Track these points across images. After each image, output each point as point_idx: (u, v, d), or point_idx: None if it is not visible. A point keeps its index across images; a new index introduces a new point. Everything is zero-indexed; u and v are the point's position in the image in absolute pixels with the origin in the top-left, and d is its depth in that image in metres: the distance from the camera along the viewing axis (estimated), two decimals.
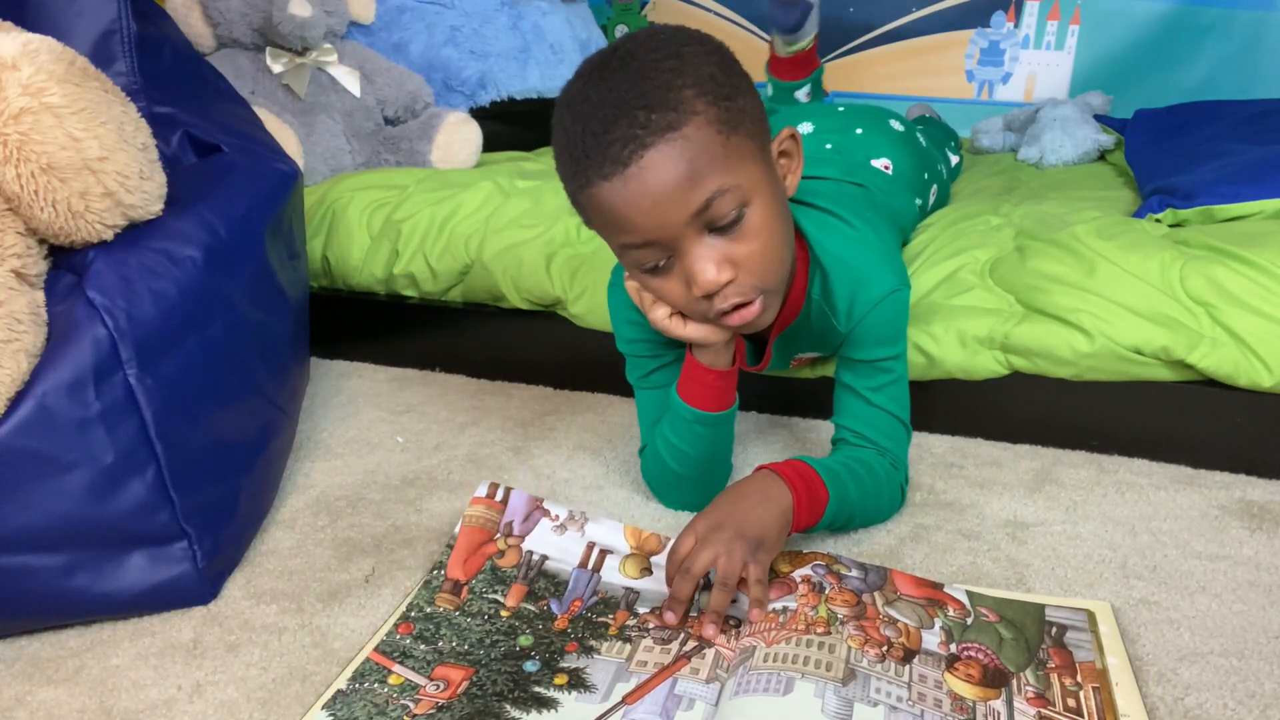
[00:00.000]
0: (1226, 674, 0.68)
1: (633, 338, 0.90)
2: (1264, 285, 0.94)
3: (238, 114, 1.09)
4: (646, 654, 0.71)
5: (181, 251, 0.81)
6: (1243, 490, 0.94)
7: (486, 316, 1.27)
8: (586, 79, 0.70)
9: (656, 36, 0.71)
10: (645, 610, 0.76)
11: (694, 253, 0.70)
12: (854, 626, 0.69)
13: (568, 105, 0.71)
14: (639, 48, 0.70)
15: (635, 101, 0.67)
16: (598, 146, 0.67)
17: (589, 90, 0.69)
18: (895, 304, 0.84)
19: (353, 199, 1.36)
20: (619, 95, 0.67)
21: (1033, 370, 1.01)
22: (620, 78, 0.68)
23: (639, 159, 0.66)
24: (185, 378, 0.79)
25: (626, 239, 0.71)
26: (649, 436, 0.92)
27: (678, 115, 0.67)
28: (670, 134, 0.66)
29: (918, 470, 0.99)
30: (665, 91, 0.67)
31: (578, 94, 0.70)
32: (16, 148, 0.70)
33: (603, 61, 0.70)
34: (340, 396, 1.24)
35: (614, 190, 0.68)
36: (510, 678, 0.69)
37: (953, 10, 2.02)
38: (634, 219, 0.69)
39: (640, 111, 0.66)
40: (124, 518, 0.75)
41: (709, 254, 0.70)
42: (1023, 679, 0.66)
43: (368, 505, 0.96)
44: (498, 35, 1.75)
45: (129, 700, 0.70)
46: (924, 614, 0.72)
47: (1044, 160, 1.63)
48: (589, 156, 0.68)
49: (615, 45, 0.72)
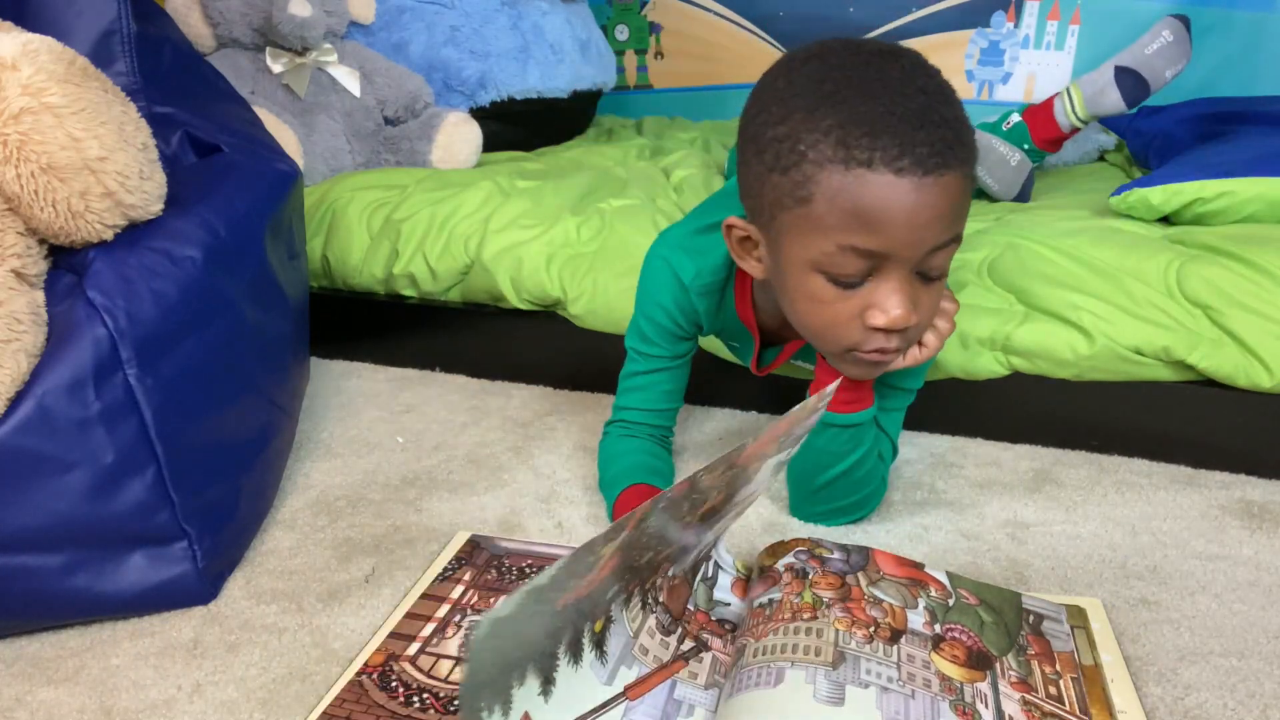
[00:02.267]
0: (1226, 674, 0.68)
1: (663, 321, 0.88)
2: (1263, 286, 0.94)
3: (238, 114, 1.09)
4: (650, 638, 0.70)
5: (181, 251, 0.81)
6: (1243, 490, 0.94)
7: (486, 316, 1.27)
8: (868, 58, 0.66)
9: (923, 58, 0.68)
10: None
11: (894, 283, 0.68)
12: (840, 609, 0.69)
13: (843, 71, 0.65)
14: (920, 58, 0.67)
15: (946, 115, 0.64)
16: (902, 136, 0.63)
17: (879, 71, 0.65)
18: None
19: (353, 199, 1.36)
20: (927, 101, 0.64)
21: (1033, 371, 1.01)
22: (920, 80, 0.65)
23: (941, 173, 0.64)
24: (185, 378, 0.79)
25: (862, 240, 0.66)
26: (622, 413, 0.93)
27: (970, 155, 0.66)
28: (965, 168, 0.66)
29: (917, 470, 0.99)
30: (966, 125, 0.66)
31: (860, 67, 0.65)
32: (16, 148, 0.70)
33: (879, 49, 0.67)
34: (340, 396, 1.24)
35: (897, 189, 0.63)
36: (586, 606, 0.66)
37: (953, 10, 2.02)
38: (896, 224, 0.64)
39: (950, 130, 0.64)
40: (124, 518, 0.75)
41: (908, 290, 0.68)
42: (1006, 663, 0.66)
43: (368, 505, 0.96)
44: (498, 35, 1.75)
45: (129, 700, 0.70)
46: (908, 594, 0.72)
47: (1044, 161, 1.63)
48: (883, 142, 0.63)
49: (875, 42, 0.68)
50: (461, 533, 0.90)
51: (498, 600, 0.76)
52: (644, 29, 2.29)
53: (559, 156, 1.73)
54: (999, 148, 1.37)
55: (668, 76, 2.32)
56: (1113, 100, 1.40)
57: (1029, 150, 1.48)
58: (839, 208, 0.65)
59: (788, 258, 0.71)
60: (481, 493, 0.98)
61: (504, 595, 0.77)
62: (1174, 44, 1.37)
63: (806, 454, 0.84)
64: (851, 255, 0.67)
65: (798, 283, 0.71)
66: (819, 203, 0.66)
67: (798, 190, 0.66)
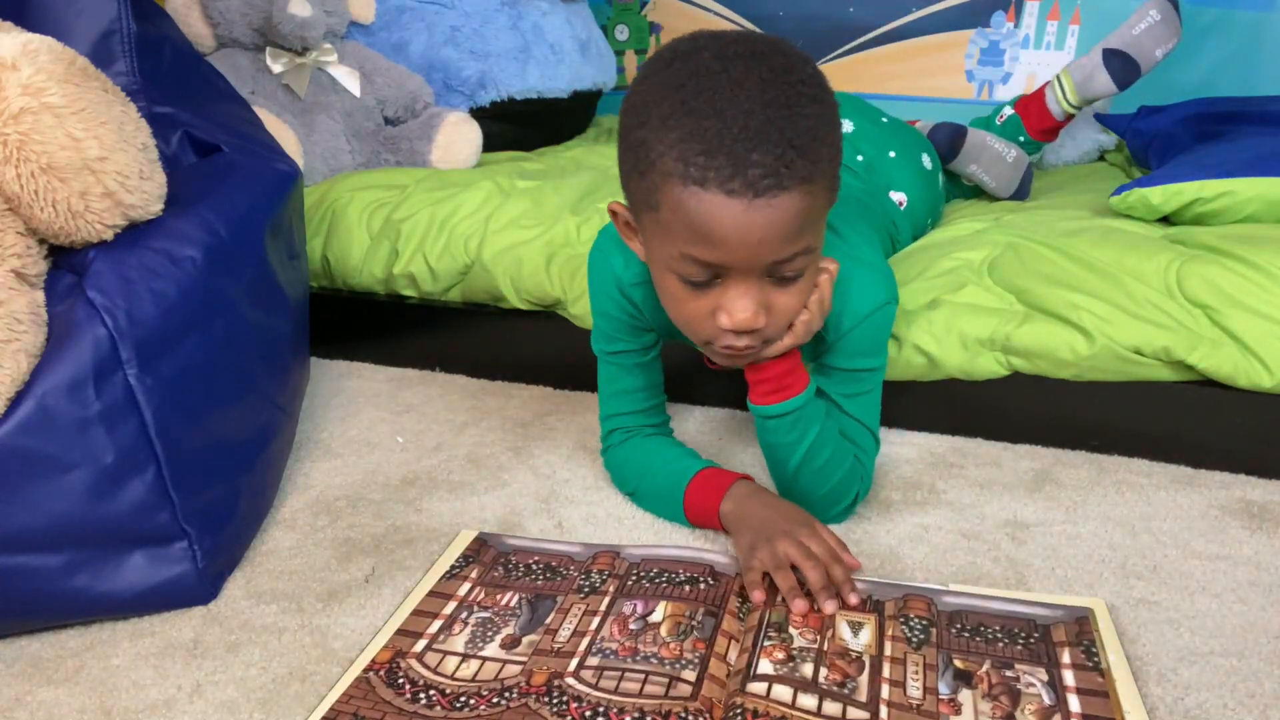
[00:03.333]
0: (1226, 674, 0.68)
1: (614, 313, 0.90)
2: (1263, 286, 0.94)
3: (238, 114, 1.09)
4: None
5: (181, 251, 0.81)
6: (1243, 490, 0.94)
7: (486, 316, 1.27)
8: (730, 62, 0.66)
9: (796, 56, 0.68)
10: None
11: (741, 288, 0.70)
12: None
13: (700, 78, 0.66)
14: (788, 60, 0.67)
15: (787, 133, 0.64)
16: (735, 159, 0.64)
17: (732, 81, 0.65)
18: (883, 318, 0.84)
19: (353, 199, 1.36)
20: (770, 116, 0.64)
21: (1033, 371, 1.01)
22: (773, 92, 0.65)
23: (771, 196, 0.65)
24: (185, 378, 0.79)
25: (700, 253, 0.68)
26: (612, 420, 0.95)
27: (814, 170, 0.66)
28: (804, 186, 0.66)
29: (917, 470, 0.99)
30: (812, 140, 0.66)
31: (717, 74, 0.65)
32: (16, 148, 0.70)
33: (749, 50, 0.67)
34: (340, 396, 1.24)
35: (729, 209, 0.65)
36: None
37: (953, 10, 2.02)
38: (729, 243, 0.66)
39: (790, 150, 0.64)
40: (124, 518, 0.75)
41: (755, 294, 0.70)
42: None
43: (368, 505, 0.96)
44: (498, 35, 1.75)
45: (129, 700, 0.70)
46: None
47: (1044, 160, 1.63)
48: (717, 162, 0.64)
49: (752, 38, 0.68)
50: (467, 531, 0.90)
51: (504, 596, 0.77)
52: (644, 29, 2.29)
53: (559, 156, 1.73)
54: (994, 145, 1.37)
55: None
56: (1103, 83, 1.39)
57: (1025, 143, 1.48)
58: (679, 220, 0.67)
59: (651, 254, 0.75)
60: (481, 493, 0.98)
61: (510, 591, 0.78)
62: (1161, 23, 1.37)
63: (766, 454, 0.86)
64: (694, 263, 0.69)
65: (659, 278, 0.75)
66: (664, 211, 0.68)
67: (650, 196, 0.69)
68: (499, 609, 0.78)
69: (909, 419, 1.07)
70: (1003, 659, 0.69)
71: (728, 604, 0.76)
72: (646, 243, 0.75)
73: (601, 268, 0.89)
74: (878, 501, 0.92)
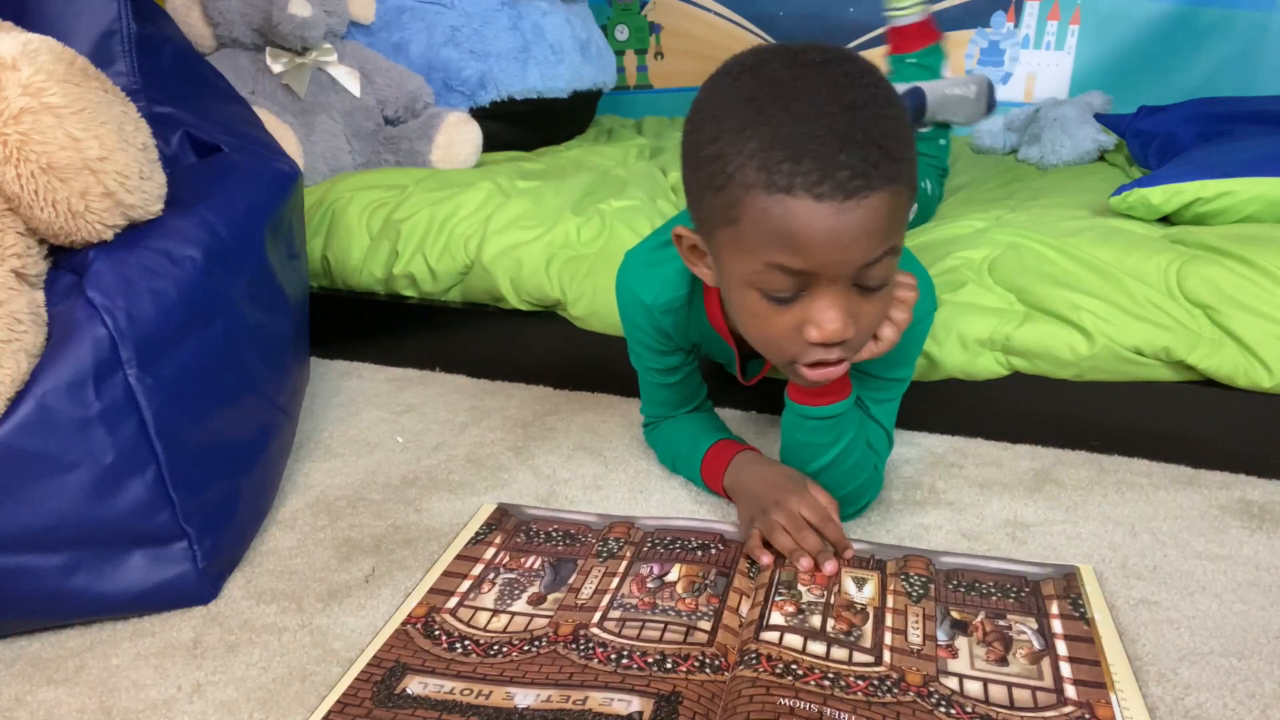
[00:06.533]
0: (1226, 674, 0.68)
1: (646, 340, 0.92)
2: (1263, 286, 0.94)
3: (238, 114, 1.09)
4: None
5: (181, 251, 0.81)
6: (1243, 490, 0.94)
7: (486, 317, 1.27)
8: (801, 70, 0.65)
9: (864, 62, 0.67)
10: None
11: (828, 298, 0.68)
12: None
13: (774, 86, 0.64)
14: (858, 65, 0.66)
15: (872, 133, 0.63)
16: (822, 161, 0.62)
17: (808, 87, 0.64)
18: (926, 327, 0.86)
19: (353, 199, 1.36)
20: (853, 118, 0.63)
21: (1033, 371, 1.01)
22: (851, 94, 0.63)
23: (862, 197, 0.63)
24: (185, 378, 0.79)
25: (789, 260, 0.66)
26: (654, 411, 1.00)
27: (898, 169, 0.64)
28: (891, 186, 0.64)
29: (917, 470, 0.99)
30: (895, 140, 0.64)
31: (790, 82, 0.64)
32: (16, 148, 0.70)
33: (820, 58, 0.65)
34: (340, 396, 1.24)
35: (818, 214, 0.63)
36: None
37: (953, 10, 2.02)
38: (819, 248, 0.64)
39: (876, 150, 0.63)
40: (124, 518, 0.75)
41: (843, 304, 0.68)
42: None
43: (368, 505, 0.96)
44: (498, 35, 1.75)
45: (129, 700, 0.70)
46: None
47: (1044, 160, 1.63)
48: (804, 167, 0.62)
49: (817, 47, 0.67)
50: (487, 504, 0.93)
51: (528, 559, 0.83)
52: (644, 29, 2.29)
53: (559, 156, 1.73)
54: (952, 90, 1.33)
55: (668, 76, 2.33)
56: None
57: (917, 63, 1.45)
58: (764, 230, 0.65)
59: (726, 272, 0.72)
60: (481, 493, 0.98)
61: (533, 555, 0.84)
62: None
63: (792, 448, 0.85)
64: (780, 274, 0.67)
65: (737, 297, 0.72)
66: (746, 224, 0.66)
67: (728, 211, 0.67)
68: (524, 570, 0.82)
69: (909, 419, 1.07)
70: (996, 610, 0.74)
71: (739, 565, 0.81)
72: (721, 262, 0.72)
73: (629, 300, 0.90)
74: (878, 501, 0.92)
